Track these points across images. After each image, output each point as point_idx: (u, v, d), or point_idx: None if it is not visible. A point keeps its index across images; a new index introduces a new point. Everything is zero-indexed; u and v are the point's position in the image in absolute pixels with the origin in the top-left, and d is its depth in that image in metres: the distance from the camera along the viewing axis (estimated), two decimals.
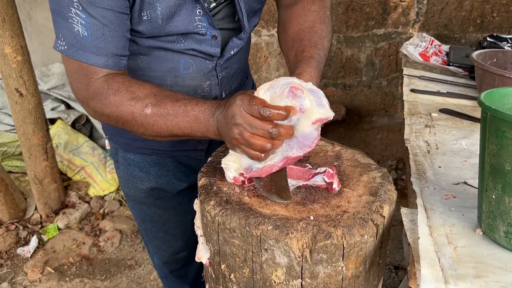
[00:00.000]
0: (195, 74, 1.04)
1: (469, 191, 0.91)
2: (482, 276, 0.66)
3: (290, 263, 0.71)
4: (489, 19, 2.50)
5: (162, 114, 0.85)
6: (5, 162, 2.69)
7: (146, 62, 1.00)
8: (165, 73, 1.02)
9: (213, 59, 1.03)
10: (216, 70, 1.06)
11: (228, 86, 1.13)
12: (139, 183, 1.21)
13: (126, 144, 1.17)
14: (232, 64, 1.10)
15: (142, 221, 1.32)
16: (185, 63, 1.01)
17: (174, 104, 0.85)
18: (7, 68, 2.12)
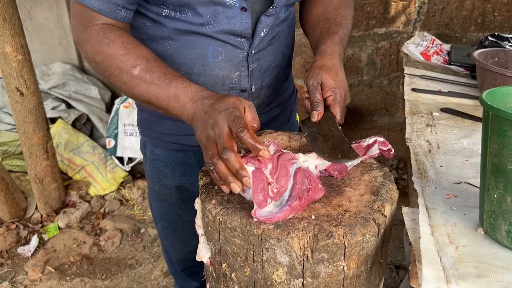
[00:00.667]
0: (224, 63, 1.01)
1: (471, 190, 0.90)
2: (483, 276, 0.66)
3: (291, 263, 0.70)
4: (490, 18, 2.49)
5: (147, 80, 0.86)
6: (6, 161, 2.69)
7: (174, 48, 0.99)
8: (192, 61, 1.00)
9: (244, 47, 1.00)
10: (248, 61, 1.03)
11: (260, 80, 1.08)
12: (164, 179, 1.20)
13: (155, 138, 1.17)
14: (265, 56, 1.05)
15: (161, 218, 1.31)
16: (214, 50, 0.99)
17: (161, 75, 0.86)
18: (7, 67, 2.12)
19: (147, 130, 1.19)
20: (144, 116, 1.18)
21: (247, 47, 1.01)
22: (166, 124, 1.12)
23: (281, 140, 0.99)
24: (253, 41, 1.00)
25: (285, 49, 1.12)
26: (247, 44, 1.00)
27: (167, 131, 1.13)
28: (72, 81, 2.99)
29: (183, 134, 1.11)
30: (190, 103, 0.83)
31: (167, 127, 1.13)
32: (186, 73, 0.98)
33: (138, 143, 2.83)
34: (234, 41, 0.99)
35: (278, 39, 1.08)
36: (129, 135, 2.83)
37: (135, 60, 0.87)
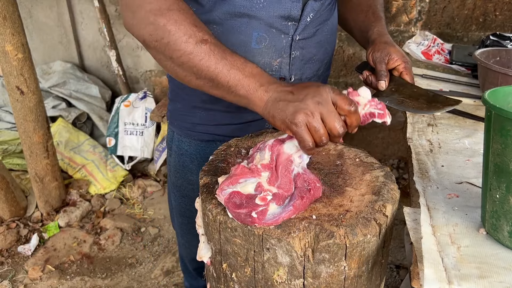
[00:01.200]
0: (266, 49, 1.00)
1: (472, 190, 0.90)
2: (486, 277, 0.65)
3: (292, 263, 0.70)
4: (492, 17, 2.49)
5: (218, 54, 0.82)
6: (6, 160, 2.69)
7: (218, 33, 0.97)
8: (235, 47, 0.97)
9: (289, 32, 0.99)
10: (291, 47, 1.02)
11: (300, 71, 1.07)
12: (188, 174, 1.20)
13: (186, 129, 1.16)
14: (308, 46, 1.05)
15: (180, 214, 1.30)
16: (258, 36, 0.98)
17: (233, 55, 0.83)
18: (8, 66, 2.12)
19: (177, 121, 1.18)
20: (176, 106, 1.17)
21: (292, 32, 1.00)
22: (199, 114, 1.12)
23: None
24: (298, 26, 1.00)
25: (327, 46, 1.12)
26: (293, 29, 1.00)
27: (199, 121, 1.13)
28: (73, 80, 2.99)
29: (215, 124, 1.12)
30: (267, 85, 0.80)
31: (199, 117, 1.12)
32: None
33: (138, 142, 2.82)
34: (281, 25, 0.98)
35: (322, 32, 1.08)
36: (130, 134, 2.83)
37: (205, 33, 0.83)
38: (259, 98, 0.80)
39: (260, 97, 0.80)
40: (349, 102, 0.77)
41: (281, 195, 0.74)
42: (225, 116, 1.11)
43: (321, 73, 1.15)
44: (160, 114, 2.69)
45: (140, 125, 2.83)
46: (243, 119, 1.11)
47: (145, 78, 3.16)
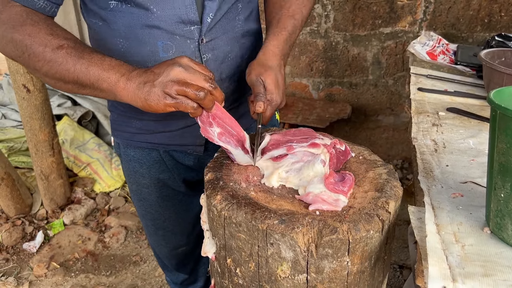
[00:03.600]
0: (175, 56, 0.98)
1: (477, 190, 0.90)
2: (490, 275, 0.65)
3: (295, 258, 0.71)
4: (497, 18, 2.48)
5: (75, 56, 0.83)
6: (12, 158, 2.71)
7: (125, 46, 0.98)
8: (145, 58, 0.98)
9: (194, 37, 0.98)
10: (200, 51, 1.00)
11: (218, 72, 1.04)
12: (141, 178, 1.21)
13: (126, 139, 1.17)
14: (220, 45, 1.02)
15: (143, 217, 1.32)
16: (163, 45, 0.97)
17: (92, 53, 0.84)
18: (14, 64, 2.13)
19: (117, 131, 1.18)
20: (114, 117, 1.17)
21: (197, 35, 0.98)
22: (134, 123, 1.12)
23: None
24: (202, 28, 0.98)
25: (242, 40, 1.08)
26: (197, 32, 0.98)
27: (135, 131, 1.13)
28: None
29: (151, 133, 1.11)
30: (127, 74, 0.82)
31: (135, 126, 1.12)
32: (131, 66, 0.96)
33: None
34: (183, 31, 0.97)
35: (233, 29, 1.04)
36: None
37: (61, 39, 0.84)
38: (123, 88, 0.81)
39: (123, 86, 0.81)
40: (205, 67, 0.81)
41: None
42: (157, 125, 1.10)
43: (243, 68, 1.07)
44: None
45: None
46: (175, 126, 1.10)
47: None
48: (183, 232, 1.33)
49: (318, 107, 2.77)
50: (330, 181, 0.77)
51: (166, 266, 1.50)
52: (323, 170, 0.80)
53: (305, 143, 0.85)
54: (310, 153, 0.84)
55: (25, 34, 0.84)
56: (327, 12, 2.68)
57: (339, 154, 0.87)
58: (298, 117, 2.66)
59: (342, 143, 0.89)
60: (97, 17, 0.98)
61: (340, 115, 2.68)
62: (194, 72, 0.79)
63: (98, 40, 1.01)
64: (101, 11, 0.96)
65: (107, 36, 0.98)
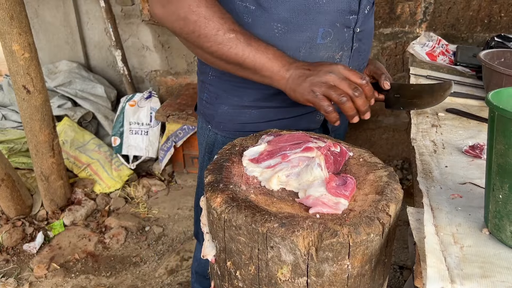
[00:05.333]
0: (331, 43, 1.05)
1: (476, 191, 0.90)
2: (488, 276, 0.66)
3: (296, 261, 0.71)
4: (497, 19, 2.48)
5: (244, 42, 0.93)
6: (12, 159, 2.71)
7: (282, 31, 1.01)
8: (300, 44, 1.03)
9: (351, 25, 1.05)
10: (353, 40, 1.08)
11: (356, 62, 1.14)
12: None
13: (235, 130, 1.16)
14: (364, 37, 1.12)
15: None
16: (323, 32, 1.02)
17: (257, 41, 0.95)
18: (14, 65, 2.13)
19: (224, 123, 1.17)
20: (221, 109, 1.16)
21: (353, 25, 1.05)
22: (249, 113, 1.14)
23: None
24: (358, 18, 1.05)
25: (372, 37, 1.21)
26: (354, 22, 1.05)
27: (249, 120, 1.14)
28: (78, 79, 3.01)
29: (266, 121, 1.14)
30: (287, 65, 0.94)
31: (250, 116, 1.14)
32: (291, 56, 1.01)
33: (143, 142, 2.84)
34: (344, 19, 1.03)
35: (370, 23, 1.14)
36: (135, 133, 2.84)
37: (232, 24, 0.94)
38: (282, 77, 0.95)
39: (282, 75, 0.95)
40: (360, 76, 0.91)
41: None
42: (278, 112, 1.14)
43: (365, 63, 1.21)
44: (165, 113, 2.70)
45: (145, 125, 2.85)
46: (295, 113, 1.14)
47: (150, 78, 3.18)
48: None
49: None
50: (332, 185, 0.77)
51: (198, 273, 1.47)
52: (322, 174, 0.80)
53: (298, 149, 0.85)
54: (306, 157, 0.84)
55: (200, 16, 0.93)
56: None
57: (335, 156, 0.87)
58: None
59: (337, 144, 0.90)
60: (251, 1, 1.00)
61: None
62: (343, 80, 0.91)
63: (247, 24, 1.02)
64: None
65: (260, 20, 1.01)
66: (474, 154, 1.05)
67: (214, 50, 0.95)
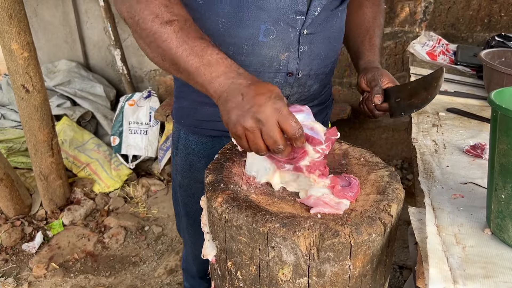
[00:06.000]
0: (274, 42, 1.00)
1: (477, 190, 0.90)
2: (491, 277, 0.65)
3: (297, 261, 0.70)
4: (497, 18, 2.48)
5: (180, 38, 0.82)
6: (11, 158, 2.70)
7: (226, 26, 0.98)
8: (243, 40, 0.99)
9: (297, 26, 1.00)
10: (299, 42, 1.02)
11: (308, 66, 1.07)
12: (196, 172, 1.19)
13: (193, 126, 1.15)
14: (317, 40, 1.05)
15: (187, 214, 1.29)
16: (265, 29, 0.98)
17: (198, 38, 0.82)
18: (13, 64, 2.13)
19: (184, 118, 1.17)
20: (182, 104, 1.17)
21: (299, 26, 1.00)
22: (206, 110, 1.12)
23: None
24: (306, 20, 1.00)
25: (334, 43, 1.12)
26: (300, 23, 1.00)
27: (206, 117, 1.12)
28: (77, 79, 3.00)
29: None
30: (223, 77, 0.79)
31: (206, 113, 1.12)
32: (234, 53, 0.98)
33: (142, 141, 2.83)
34: (288, 19, 0.98)
35: (330, 29, 1.08)
36: (134, 133, 2.83)
37: (173, 15, 0.83)
38: (214, 91, 0.80)
39: (215, 89, 0.80)
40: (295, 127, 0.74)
41: None
42: None
43: (329, 71, 1.16)
44: (164, 113, 2.70)
45: (145, 124, 2.84)
46: None
47: (150, 77, 3.17)
48: None
49: None
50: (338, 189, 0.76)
51: (190, 270, 1.47)
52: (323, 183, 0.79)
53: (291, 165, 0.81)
54: None
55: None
56: None
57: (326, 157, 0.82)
58: None
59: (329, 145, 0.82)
60: None
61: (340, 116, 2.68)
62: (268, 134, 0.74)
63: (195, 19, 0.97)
64: None
65: (206, 15, 0.97)
66: (475, 154, 1.05)
67: (151, 41, 0.84)
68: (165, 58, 0.85)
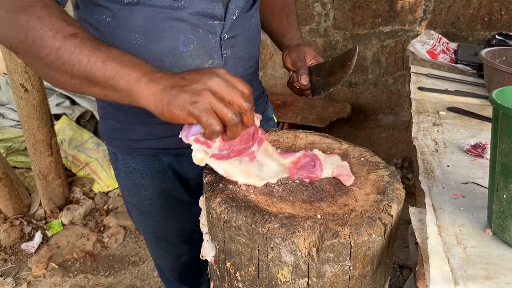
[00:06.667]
0: (196, 51, 0.95)
1: (478, 190, 0.89)
2: (492, 277, 0.65)
3: (296, 262, 0.70)
4: (497, 17, 2.47)
5: (91, 46, 0.72)
6: (10, 158, 2.70)
7: (141, 42, 0.92)
8: (162, 54, 0.93)
9: (216, 32, 0.96)
10: (221, 47, 0.98)
11: (234, 70, 1.02)
12: (142, 190, 1.15)
13: (127, 147, 1.10)
14: (238, 44, 1.02)
15: (143, 230, 1.28)
16: (185, 39, 0.93)
17: (110, 47, 0.74)
18: (12, 63, 2.12)
19: (116, 140, 1.11)
20: (111, 124, 1.10)
21: (219, 31, 0.96)
22: (138, 129, 1.06)
23: (286, 138, 0.98)
24: (224, 24, 0.97)
25: (255, 42, 1.10)
26: (219, 28, 0.96)
27: (139, 137, 1.07)
28: None
29: (158, 138, 1.06)
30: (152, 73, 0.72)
31: (140, 132, 1.06)
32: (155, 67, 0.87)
33: None
34: (206, 25, 0.94)
35: (249, 29, 1.06)
36: None
37: (76, 28, 0.74)
38: (143, 89, 0.71)
39: (144, 88, 0.71)
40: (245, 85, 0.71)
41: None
42: (165, 128, 1.03)
43: (254, 71, 1.13)
44: None
45: None
46: None
47: None
48: (185, 240, 1.29)
49: (317, 107, 2.77)
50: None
51: (168, 279, 1.46)
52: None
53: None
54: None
55: (33, 16, 0.72)
56: (326, 11, 2.67)
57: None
58: (297, 117, 2.65)
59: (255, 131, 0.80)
60: (106, 13, 0.91)
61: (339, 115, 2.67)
62: (232, 88, 0.70)
63: (105, 38, 0.93)
64: (113, 5, 0.89)
65: (117, 32, 0.91)
66: (476, 153, 1.04)
67: (53, 59, 0.72)
68: (74, 73, 0.73)
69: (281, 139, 0.98)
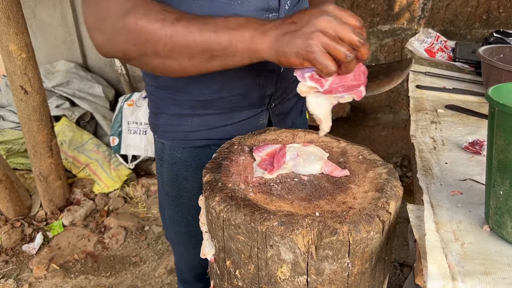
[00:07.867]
0: None
1: (476, 187, 0.90)
2: (489, 273, 0.65)
3: (295, 260, 0.70)
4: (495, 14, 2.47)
5: (198, 23, 0.75)
6: (10, 159, 2.70)
7: None
8: None
9: None
10: None
11: None
12: (184, 182, 1.17)
13: (179, 139, 1.12)
14: None
15: (177, 224, 1.27)
16: None
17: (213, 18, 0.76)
18: (12, 66, 2.13)
19: (168, 132, 1.14)
20: (163, 118, 1.14)
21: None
22: (190, 121, 1.10)
23: (284, 137, 0.99)
24: (279, 16, 0.99)
25: None
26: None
27: (191, 128, 1.10)
28: (76, 79, 3.00)
29: (209, 128, 1.10)
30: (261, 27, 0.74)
31: (191, 124, 1.10)
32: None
33: (142, 141, 2.83)
34: (263, 18, 0.96)
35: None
36: (133, 133, 2.83)
37: (175, 12, 0.78)
38: (260, 44, 0.74)
39: (260, 42, 0.74)
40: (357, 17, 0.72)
41: None
42: (218, 119, 1.08)
43: None
44: None
45: (144, 124, 2.84)
46: (237, 118, 1.10)
47: None
48: None
49: None
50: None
51: (185, 279, 1.45)
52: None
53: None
54: None
55: (138, 15, 0.76)
56: None
57: None
58: None
59: None
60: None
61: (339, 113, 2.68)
62: (342, 24, 0.69)
63: None
64: (173, 1, 0.89)
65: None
66: (474, 151, 1.05)
67: (170, 48, 0.77)
68: (191, 54, 0.77)
69: (279, 138, 0.98)
